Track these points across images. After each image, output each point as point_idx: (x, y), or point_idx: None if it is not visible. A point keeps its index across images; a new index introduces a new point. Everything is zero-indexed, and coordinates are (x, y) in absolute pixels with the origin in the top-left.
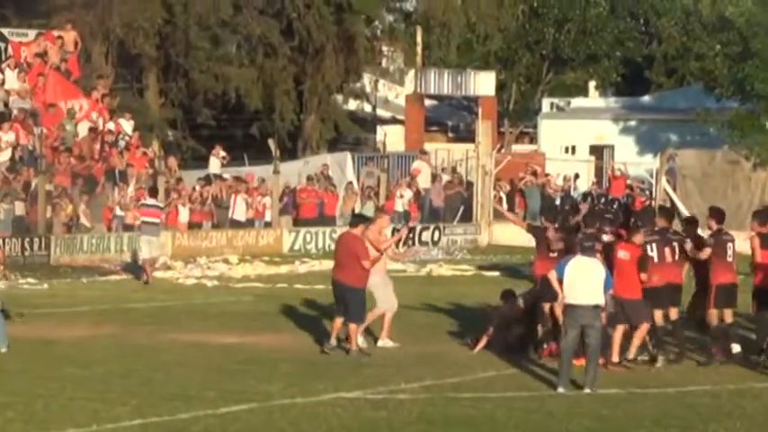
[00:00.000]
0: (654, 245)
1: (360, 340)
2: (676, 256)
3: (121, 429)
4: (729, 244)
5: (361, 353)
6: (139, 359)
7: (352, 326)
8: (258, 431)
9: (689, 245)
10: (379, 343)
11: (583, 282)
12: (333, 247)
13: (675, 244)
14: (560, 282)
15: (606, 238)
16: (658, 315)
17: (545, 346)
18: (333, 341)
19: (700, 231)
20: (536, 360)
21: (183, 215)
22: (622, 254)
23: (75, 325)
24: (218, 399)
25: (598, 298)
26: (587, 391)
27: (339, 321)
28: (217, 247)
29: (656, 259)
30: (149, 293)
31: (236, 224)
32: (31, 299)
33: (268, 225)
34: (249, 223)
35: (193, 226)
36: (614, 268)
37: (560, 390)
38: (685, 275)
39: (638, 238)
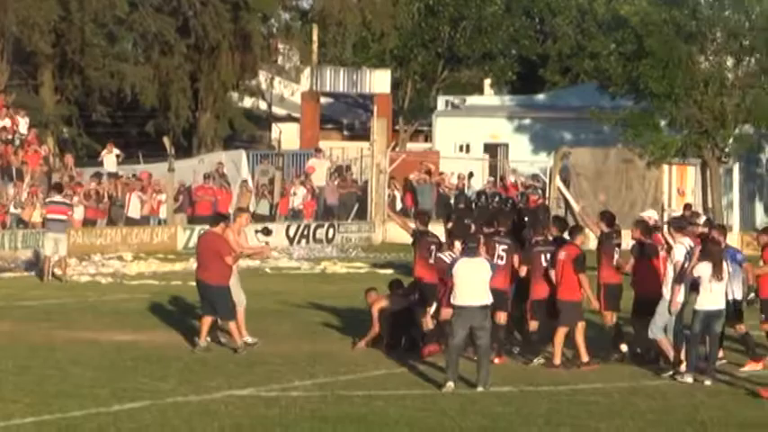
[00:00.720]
0: (548, 254)
1: (246, 337)
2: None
3: (14, 427)
4: (617, 248)
5: (248, 345)
6: (33, 357)
7: (231, 324)
8: (151, 429)
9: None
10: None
11: (469, 283)
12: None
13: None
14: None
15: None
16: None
17: (424, 345)
18: (202, 342)
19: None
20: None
21: (78, 212)
22: (562, 254)
23: None
24: (112, 396)
25: (486, 298)
26: (480, 389)
27: (208, 320)
28: (111, 244)
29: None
30: (44, 291)
31: (130, 222)
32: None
33: (163, 223)
34: (144, 221)
35: (88, 223)
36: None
37: (449, 384)
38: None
39: (579, 239)
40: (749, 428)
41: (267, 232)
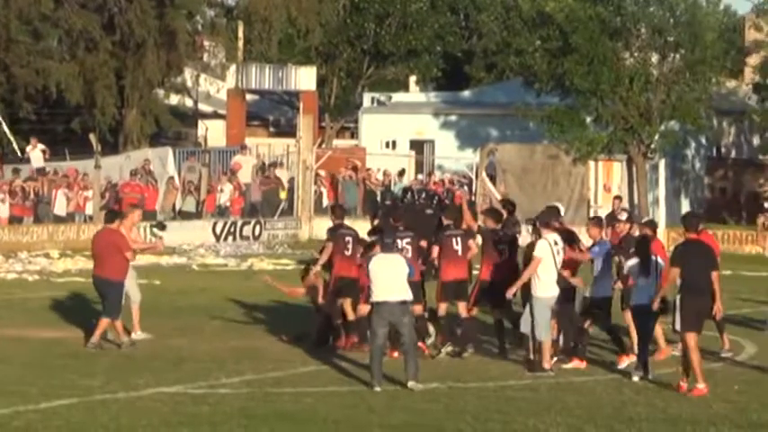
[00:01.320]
0: (459, 238)
1: (139, 333)
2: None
3: None
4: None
5: (133, 343)
6: None
7: (104, 321)
8: (79, 426)
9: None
10: (133, 335)
11: (386, 278)
12: (153, 240)
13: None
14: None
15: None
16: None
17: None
18: (125, 338)
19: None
20: (345, 353)
21: (3, 210)
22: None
23: None
24: (39, 394)
25: (404, 294)
26: (411, 384)
27: (104, 322)
28: (38, 241)
29: (459, 252)
30: None
31: (57, 219)
32: None
33: (89, 220)
34: (70, 218)
35: (14, 220)
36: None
37: (377, 389)
38: None
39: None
40: (675, 423)
41: (162, 227)
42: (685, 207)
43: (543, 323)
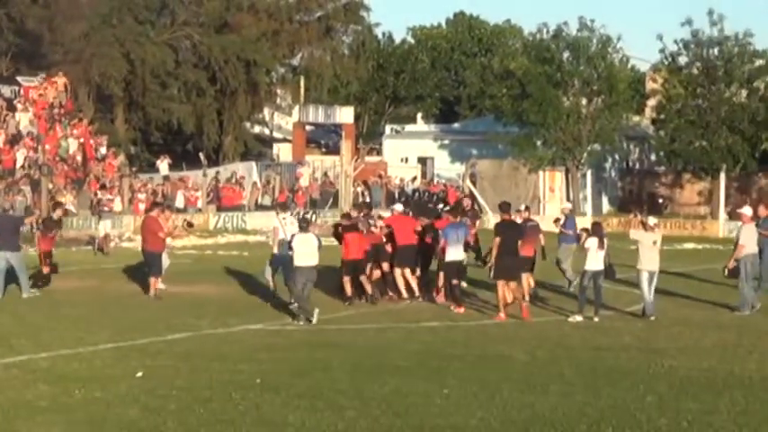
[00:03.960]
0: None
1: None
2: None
3: (100, 350)
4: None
5: (157, 297)
6: (112, 302)
7: (152, 279)
8: (193, 351)
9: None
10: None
11: (303, 250)
12: (243, 226)
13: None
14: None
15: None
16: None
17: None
18: (152, 293)
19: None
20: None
21: (141, 205)
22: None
23: (67, 279)
24: (166, 330)
25: (313, 260)
26: (314, 320)
27: (153, 280)
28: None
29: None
30: (116, 258)
31: (177, 210)
32: (35, 261)
33: (199, 211)
34: (186, 210)
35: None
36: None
37: (313, 321)
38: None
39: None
40: (600, 350)
41: (190, 225)
42: (605, 203)
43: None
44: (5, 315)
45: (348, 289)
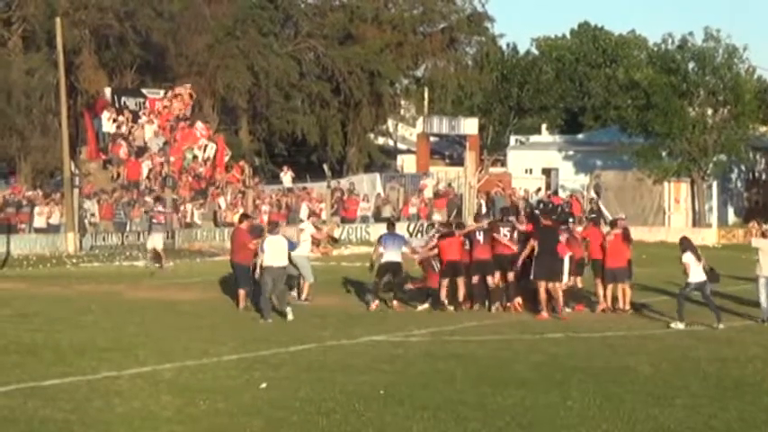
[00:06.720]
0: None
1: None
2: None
3: (224, 361)
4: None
5: (246, 309)
6: (236, 313)
7: (241, 291)
8: (317, 363)
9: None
10: (301, 298)
11: (273, 252)
12: (367, 237)
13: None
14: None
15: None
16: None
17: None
18: (242, 306)
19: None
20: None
21: (264, 216)
22: (609, 237)
23: (191, 291)
24: (289, 341)
25: (283, 261)
26: (290, 318)
27: (242, 292)
28: (289, 236)
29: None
30: None
31: (300, 221)
32: (161, 273)
33: (323, 222)
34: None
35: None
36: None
37: (269, 321)
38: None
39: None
40: (726, 361)
41: (334, 240)
42: (731, 214)
43: None
44: (131, 326)
45: (443, 294)
